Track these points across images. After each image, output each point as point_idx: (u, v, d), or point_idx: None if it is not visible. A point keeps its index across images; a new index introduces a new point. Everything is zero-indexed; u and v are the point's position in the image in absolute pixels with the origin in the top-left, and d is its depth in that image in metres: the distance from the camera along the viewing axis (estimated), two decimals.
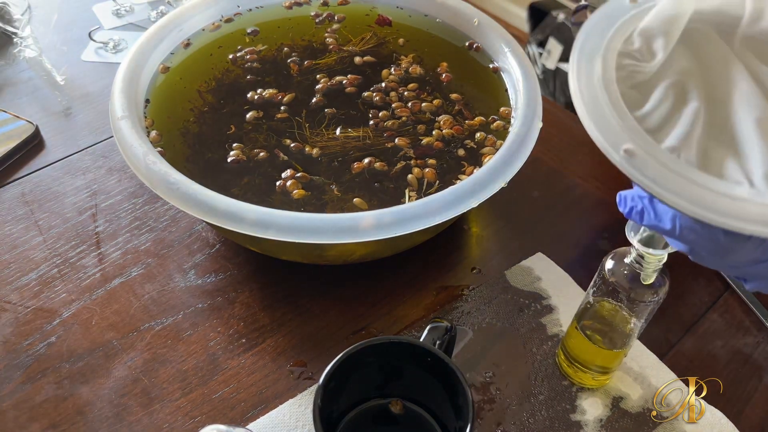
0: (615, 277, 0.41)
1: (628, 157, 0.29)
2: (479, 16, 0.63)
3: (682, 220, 0.31)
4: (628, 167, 0.29)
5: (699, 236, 0.31)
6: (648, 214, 0.32)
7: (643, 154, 0.29)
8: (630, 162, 0.29)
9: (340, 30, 0.66)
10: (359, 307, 0.53)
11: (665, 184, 0.28)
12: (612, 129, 0.30)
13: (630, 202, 0.33)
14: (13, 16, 0.79)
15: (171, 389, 0.47)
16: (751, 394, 0.49)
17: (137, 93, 0.54)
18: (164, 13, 0.82)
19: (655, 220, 0.32)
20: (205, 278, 0.54)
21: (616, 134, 0.29)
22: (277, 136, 0.55)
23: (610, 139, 0.29)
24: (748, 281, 0.34)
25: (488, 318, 0.52)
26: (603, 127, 0.30)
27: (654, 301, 0.40)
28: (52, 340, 0.50)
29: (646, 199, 0.32)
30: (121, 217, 0.59)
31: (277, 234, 0.43)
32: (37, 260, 0.55)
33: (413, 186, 0.51)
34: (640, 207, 0.32)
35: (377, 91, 0.59)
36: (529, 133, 0.50)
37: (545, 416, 0.47)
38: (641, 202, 0.32)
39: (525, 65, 0.57)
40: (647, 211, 0.32)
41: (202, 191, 0.45)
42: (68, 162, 0.64)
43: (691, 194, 0.28)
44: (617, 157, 0.29)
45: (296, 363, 0.49)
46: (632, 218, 0.33)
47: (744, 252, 0.31)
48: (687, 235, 0.31)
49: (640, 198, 0.32)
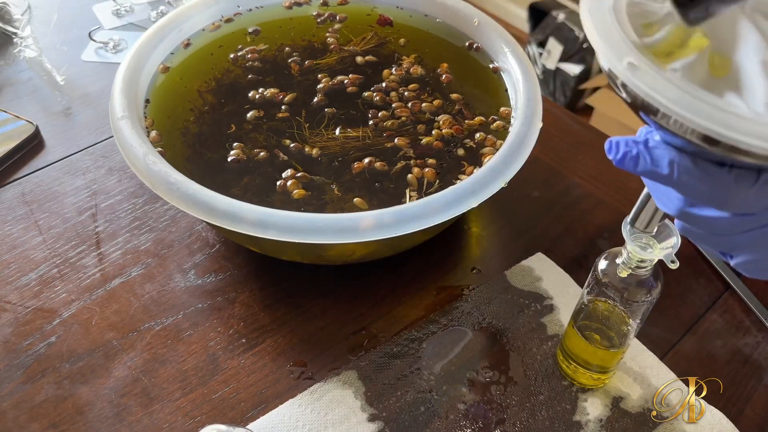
0: (608, 277, 0.41)
1: (632, 68, 0.28)
2: (479, 16, 0.63)
3: (681, 162, 0.29)
4: (631, 77, 0.27)
5: (698, 181, 0.29)
6: (644, 160, 0.30)
7: (646, 67, 0.28)
8: (634, 73, 0.27)
9: (341, 30, 0.66)
10: (359, 307, 0.53)
11: (670, 95, 0.27)
12: (618, 45, 0.29)
13: (624, 147, 0.31)
14: (13, 16, 0.79)
15: (171, 389, 0.47)
16: (751, 394, 0.49)
17: (137, 93, 0.54)
18: (164, 13, 0.82)
19: (652, 165, 0.30)
20: (205, 278, 0.54)
21: (621, 50, 0.28)
22: (277, 137, 0.55)
23: (615, 53, 0.28)
24: (735, 256, 0.32)
25: (488, 318, 0.52)
26: (609, 42, 0.29)
27: (647, 302, 0.40)
28: (52, 340, 0.50)
29: (641, 144, 0.30)
30: (121, 217, 0.59)
31: (277, 234, 0.43)
32: (37, 260, 0.55)
33: (413, 186, 0.51)
34: (635, 152, 0.30)
35: (377, 91, 0.59)
36: (529, 133, 0.50)
37: (545, 416, 0.47)
38: (636, 147, 0.30)
39: (525, 65, 0.57)
40: (642, 157, 0.30)
41: (202, 191, 0.45)
42: (68, 162, 0.64)
43: (698, 108, 0.26)
44: (620, 67, 0.28)
45: (296, 363, 0.49)
46: (625, 165, 0.31)
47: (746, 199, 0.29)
48: (685, 180, 0.29)
49: (635, 143, 0.30)
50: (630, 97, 0.29)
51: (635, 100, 0.29)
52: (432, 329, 0.51)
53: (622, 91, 0.29)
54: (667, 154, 0.30)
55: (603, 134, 0.69)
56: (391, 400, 0.47)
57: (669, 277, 0.56)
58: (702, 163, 0.29)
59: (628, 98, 0.29)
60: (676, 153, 0.29)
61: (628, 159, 0.31)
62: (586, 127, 0.70)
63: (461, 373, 0.49)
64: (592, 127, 0.71)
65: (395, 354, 0.50)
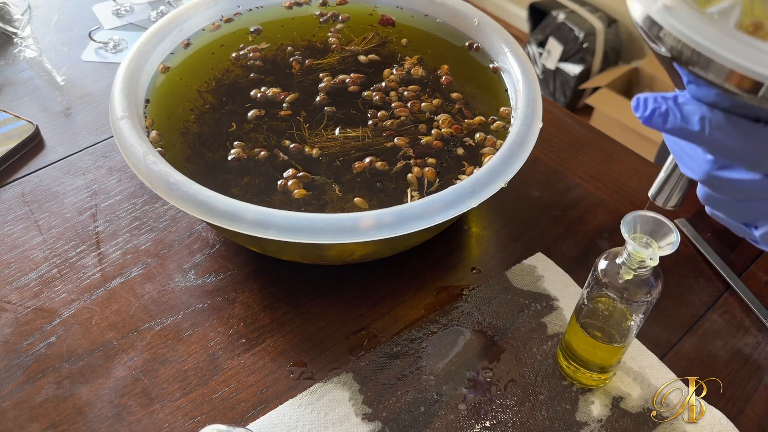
0: (608, 277, 0.41)
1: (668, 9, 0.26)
2: (479, 16, 0.63)
3: (713, 118, 0.28)
4: (669, 18, 0.26)
5: (731, 137, 0.27)
6: (673, 115, 0.29)
7: (682, 8, 0.26)
8: (670, 13, 0.26)
9: (343, 30, 0.66)
10: (359, 307, 0.53)
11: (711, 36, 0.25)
12: None
13: (652, 103, 0.29)
14: (13, 16, 0.79)
15: (171, 389, 0.47)
16: (751, 394, 0.49)
17: (137, 93, 0.54)
18: (164, 13, 0.82)
19: (682, 121, 0.28)
20: (205, 278, 0.54)
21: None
22: (277, 137, 0.55)
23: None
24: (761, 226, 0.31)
25: (488, 318, 0.52)
26: None
27: (647, 301, 0.40)
28: (52, 340, 0.50)
29: (671, 100, 0.29)
30: (121, 217, 0.59)
31: (277, 234, 0.43)
32: (37, 260, 0.55)
33: (413, 185, 0.51)
34: (664, 108, 0.29)
35: (377, 91, 0.59)
36: (529, 133, 0.50)
37: (545, 416, 0.47)
38: (665, 102, 0.29)
39: (525, 65, 0.57)
40: (672, 113, 0.29)
41: (202, 191, 0.45)
42: (68, 162, 0.64)
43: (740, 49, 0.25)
44: (656, 7, 0.26)
45: (296, 363, 0.49)
46: (653, 123, 0.29)
47: None
48: (717, 136, 0.28)
49: (664, 99, 0.29)
50: (666, 45, 0.27)
51: (673, 49, 0.27)
52: (432, 329, 0.51)
53: (658, 44, 0.27)
54: (699, 109, 0.28)
55: (603, 134, 0.69)
56: (391, 400, 0.47)
57: (669, 277, 0.56)
58: (735, 118, 0.27)
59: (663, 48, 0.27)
60: (708, 109, 0.28)
61: (657, 115, 0.29)
62: (586, 127, 0.70)
63: (461, 373, 0.49)
64: (592, 127, 0.71)
65: (395, 354, 0.50)
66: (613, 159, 0.66)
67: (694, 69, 0.26)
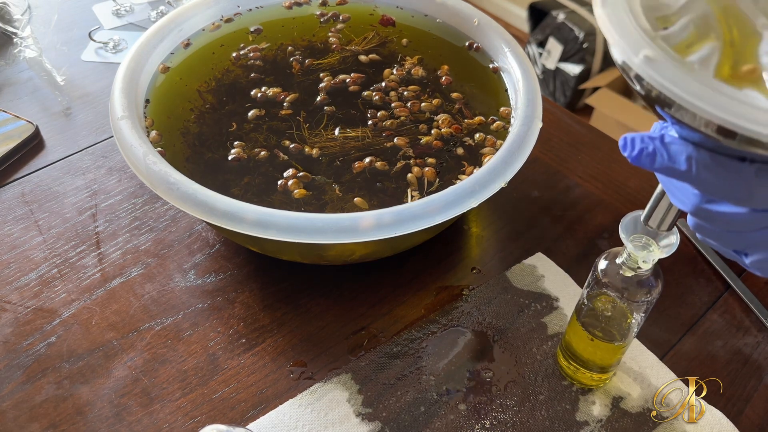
0: (608, 277, 0.41)
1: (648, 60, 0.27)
2: (479, 16, 0.63)
3: (699, 157, 0.28)
4: (648, 70, 0.27)
5: (717, 176, 0.28)
6: (660, 156, 0.29)
7: (663, 60, 0.27)
8: (650, 65, 0.27)
9: (343, 30, 0.66)
10: (359, 307, 0.53)
11: (686, 87, 0.26)
12: (632, 37, 0.28)
13: (639, 143, 0.30)
14: (13, 16, 0.79)
15: (171, 389, 0.47)
16: (751, 394, 0.49)
17: (137, 93, 0.54)
18: (164, 13, 0.82)
19: (669, 161, 0.29)
20: (205, 278, 0.54)
21: (637, 42, 0.28)
22: (277, 137, 0.55)
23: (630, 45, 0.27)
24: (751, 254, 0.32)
25: (488, 318, 0.52)
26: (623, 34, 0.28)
27: (647, 301, 0.40)
28: (52, 340, 0.50)
29: (657, 140, 0.29)
30: (121, 217, 0.59)
31: (277, 234, 0.43)
32: (37, 260, 0.55)
33: (413, 185, 0.51)
34: (652, 148, 0.29)
35: (377, 91, 0.59)
36: (529, 133, 0.50)
37: (545, 416, 0.47)
38: (652, 143, 0.30)
39: (525, 65, 0.57)
40: (659, 153, 0.29)
41: (202, 191, 0.45)
42: (68, 162, 0.64)
43: (715, 99, 0.25)
44: (637, 60, 0.27)
45: (296, 363, 0.49)
46: (641, 162, 0.30)
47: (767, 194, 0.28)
48: (704, 176, 0.28)
49: (651, 139, 0.30)
50: (645, 89, 0.28)
51: (650, 93, 0.28)
52: (432, 329, 0.51)
53: (636, 84, 0.28)
54: (685, 149, 0.29)
55: (603, 134, 0.69)
56: (391, 400, 0.47)
57: (669, 277, 0.56)
58: (720, 158, 0.28)
59: (642, 91, 0.28)
60: (694, 148, 0.29)
61: (645, 156, 0.30)
62: (586, 127, 0.70)
63: (461, 373, 0.49)
64: (592, 127, 0.71)
65: (395, 354, 0.50)
66: (613, 159, 0.66)
67: (675, 114, 0.27)
